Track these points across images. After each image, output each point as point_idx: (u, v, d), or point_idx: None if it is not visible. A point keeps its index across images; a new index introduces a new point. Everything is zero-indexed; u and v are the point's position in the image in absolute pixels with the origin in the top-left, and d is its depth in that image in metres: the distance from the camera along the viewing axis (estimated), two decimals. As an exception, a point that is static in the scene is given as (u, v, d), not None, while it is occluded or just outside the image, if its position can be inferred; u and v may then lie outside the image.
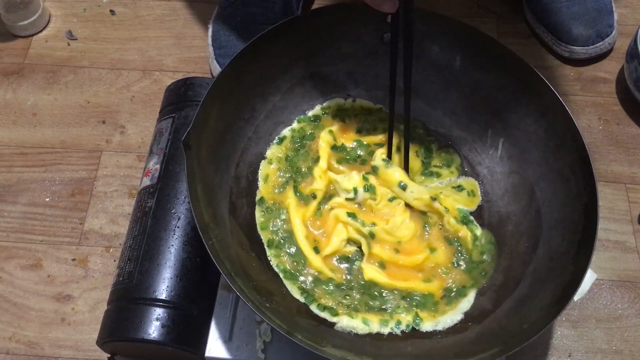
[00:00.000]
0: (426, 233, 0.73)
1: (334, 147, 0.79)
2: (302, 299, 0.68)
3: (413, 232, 0.73)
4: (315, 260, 0.71)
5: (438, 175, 0.78)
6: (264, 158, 0.79)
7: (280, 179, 0.77)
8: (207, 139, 0.70)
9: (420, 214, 0.75)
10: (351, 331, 0.67)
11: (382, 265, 0.71)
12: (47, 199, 0.88)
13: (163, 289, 0.69)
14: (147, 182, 0.77)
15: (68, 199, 0.88)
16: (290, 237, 0.73)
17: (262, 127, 0.79)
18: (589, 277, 0.80)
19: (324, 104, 0.82)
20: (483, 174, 0.78)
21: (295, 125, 0.81)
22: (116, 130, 0.94)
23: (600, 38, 0.96)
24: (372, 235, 0.72)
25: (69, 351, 0.77)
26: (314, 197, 0.75)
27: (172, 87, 0.85)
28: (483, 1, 1.05)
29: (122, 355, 0.74)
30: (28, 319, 0.79)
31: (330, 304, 0.68)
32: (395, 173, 0.75)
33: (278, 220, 0.74)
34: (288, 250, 0.72)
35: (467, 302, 0.69)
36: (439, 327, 0.68)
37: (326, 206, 0.75)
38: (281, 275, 0.70)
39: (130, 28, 1.04)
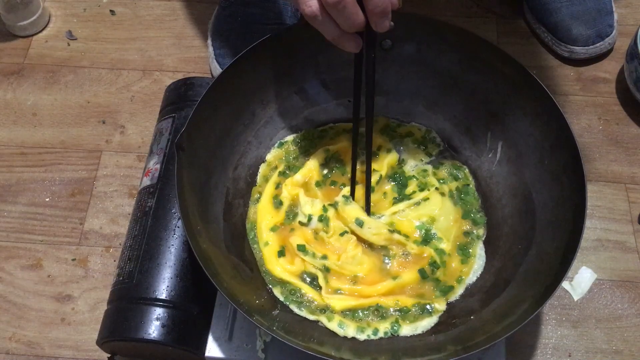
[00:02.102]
0: (387, 264, 0.71)
1: (323, 165, 0.78)
2: (281, 298, 0.69)
3: (371, 266, 0.71)
4: (275, 271, 0.70)
5: (409, 199, 0.76)
6: (264, 161, 0.79)
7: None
8: (203, 141, 0.71)
9: (380, 247, 0.72)
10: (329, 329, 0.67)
11: (341, 292, 0.70)
12: (47, 199, 0.88)
13: (163, 289, 0.69)
14: (147, 182, 0.77)
15: (68, 199, 0.88)
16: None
17: (262, 132, 0.79)
18: (589, 277, 0.80)
19: (335, 124, 0.82)
20: (482, 177, 0.78)
21: (300, 132, 0.81)
22: (116, 130, 0.94)
23: (600, 38, 0.96)
24: (327, 270, 0.71)
25: (69, 351, 0.77)
26: (281, 203, 0.75)
27: (172, 87, 0.85)
28: (483, 1, 1.05)
29: (122, 355, 0.74)
30: (28, 319, 0.79)
31: (308, 305, 0.69)
32: (353, 210, 0.73)
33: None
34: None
35: (441, 307, 0.69)
36: (418, 331, 0.67)
37: (293, 222, 0.74)
38: (263, 274, 0.71)
39: (130, 28, 1.04)
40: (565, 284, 0.80)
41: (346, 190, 0.75)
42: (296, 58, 0.78)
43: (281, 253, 0.72)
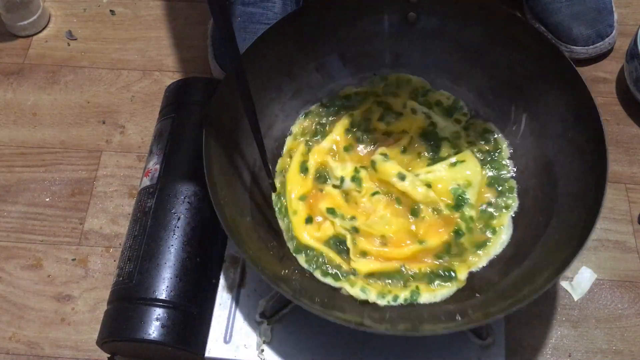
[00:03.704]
0: (414, 226, 0.73)
1: (348, 131, 0.80)
2: (306, 266, 0.70)
3: (399, 227, 0.73)
4: (302, 238, 0.72)
5: (444, 159, 0.78)
6: (290, 133, 0.80)
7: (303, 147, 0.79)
8: (230, 114, 0.72)
9: (410, 206, 0.74)
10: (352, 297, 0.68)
11: (366, 256, 0.71)
12: (47, 199, 0.88)
13: (163, 289, 0.69)
14: (147, 182, 0.77)
15: (68, 199, 0.88)
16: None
17: (289, 105, 0.80)
18: (589, 277, 0.80)
19: (358, 88, 0.83)
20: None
21: (324, 100, 0.82)
22: (116, 130, 0.94)
23: (600, 38, 0.96)
24: (355, 230, 0.72)
25: (69, 351, 0.77)
26: (307, 170, 0.77)
27: (172, 87, 0.85)
28: (483, 1, 1.05)
29: (122, 355, 0.74)
30: (28, 319, 0.79)
31: (332, 272, 0.70)
32: (393, 166, 0.75)
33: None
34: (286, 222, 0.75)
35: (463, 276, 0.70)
36: (437, 299, 0.68)
37: (323, 185, 0.76)
38: (291, 249, 0.72)
39: (130, 28, 1.04)
40: (565, 284, 0.80)
41: (382, 149, 0.77)
42: (319, 33, 0.79)
43: (308, 220, 0.73)
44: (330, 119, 0.81)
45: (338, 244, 0.72)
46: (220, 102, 0.71)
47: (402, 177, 0.74)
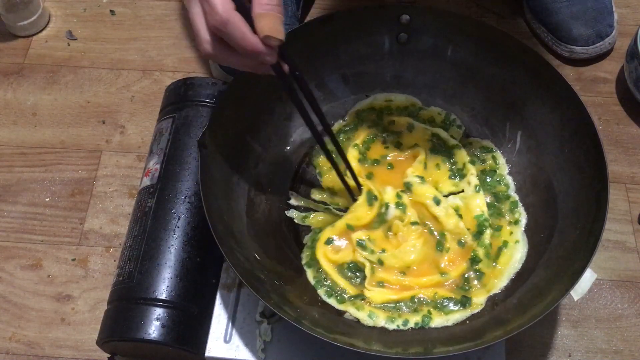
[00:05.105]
0: (438, 256, 0.72)
1: (362, 160, 0.79)
2: (313, 282, 0.70)
3: (423, 257, 0.72)
4: (318, 254, 0.72)
5: (464, 175, 0.77)
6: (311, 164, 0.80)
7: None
8: (224, 139, 0.71)
9: (437, 238, 0.73)
10: (358, 320, 0.68)
11: (383, 284, 0.70)
12: (47, 199, 0.88)
13: (163, 289, 0.69)
14: (147, 182, 0.77)
15: (68, 199, 0.88)
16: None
17: (281, 129, 0.80)
18: (589, 277, 0.80)
19: (351, 110, 0.83)
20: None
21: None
22: (116, 130, 0.94)
23: (600, 38, 0.96)
24: (380, 262, 0.71)
25: (69, 351, 0.77)
26: (375, 198, 0.75)
27: (172, 87, 0.85)
28: (483, 1, 1.05)
29: (122, 355, 0.74)
30: (28, 319, 0.79)
31: (337, 293, 0.70)
32: (429, 189, 0.75)
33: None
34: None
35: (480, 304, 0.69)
36: (450, 323, 0.68)
37: (381, 225, 0.75)
38: (303, 260, 0.72)
39: (130, 28, 1.04)
40: (565, 284, 0.80)
41: (411, 170, 0.76)
42: (316, 52, 0.79)
43: (329, 241, 0.73)
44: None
45: (353, 270, 0.71)
46: (214, 128, 0.69)
47: (437, 202, 0.74)
